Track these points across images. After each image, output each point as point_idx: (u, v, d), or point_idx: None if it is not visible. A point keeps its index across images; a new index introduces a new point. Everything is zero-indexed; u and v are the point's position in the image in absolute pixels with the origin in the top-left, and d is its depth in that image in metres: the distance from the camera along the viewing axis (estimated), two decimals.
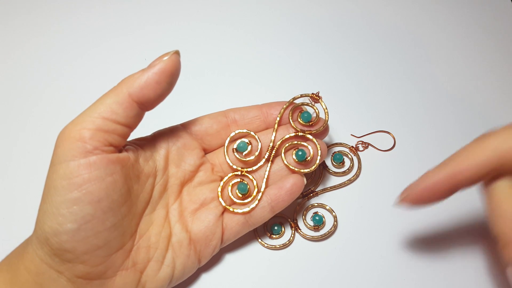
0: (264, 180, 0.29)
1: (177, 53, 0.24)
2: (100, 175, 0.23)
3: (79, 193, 0.22)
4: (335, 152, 0.35)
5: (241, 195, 0.29)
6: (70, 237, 0.22)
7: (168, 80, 0.24)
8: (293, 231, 0.32)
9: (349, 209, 0.33)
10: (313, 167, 0.30)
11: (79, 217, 0.22)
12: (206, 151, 0.31)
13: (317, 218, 0.32)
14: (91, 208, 0.23)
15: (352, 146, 0.35)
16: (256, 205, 0.29)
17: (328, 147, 0.36)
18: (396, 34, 0.42)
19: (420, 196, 0.24)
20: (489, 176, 0.23)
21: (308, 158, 0.29)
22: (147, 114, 0.26)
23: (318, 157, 0.30)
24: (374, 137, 0.36)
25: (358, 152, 0.35)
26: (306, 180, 0.34)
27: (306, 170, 0.30)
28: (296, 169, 0.29)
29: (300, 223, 0.32)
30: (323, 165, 0.35)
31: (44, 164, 0.34)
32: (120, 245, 0.25)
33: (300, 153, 0.29)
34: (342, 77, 0.40)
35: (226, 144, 0.30)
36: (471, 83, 0.39)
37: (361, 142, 0.36)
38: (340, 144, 0.36)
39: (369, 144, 0.36)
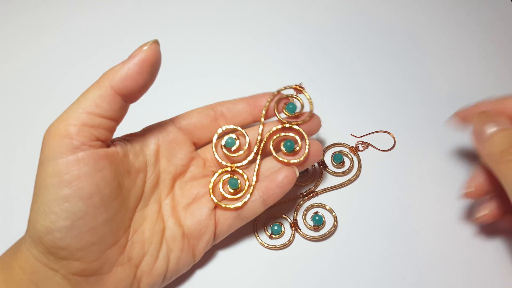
0: (255, 173, 0.29)
1: (156, 42, 0.24)
2: (90, 171, 0.23)
3: (70, 190, 0.22)
4: (335, 152, 0.35)
5: (232, 191, 0.29)
6: (64, 234, 0.22)
7: (150, 70, 0.24)
8: (293, 231, 0.32)
9: (349, 209, 0.33)
10: (303, 157, 0.29)
11: (71, 214, 0.22)
12: (196, 145, 0.31)
13: (317, 218, 0.32)
14: (83, 205, 0.23)
15: (352, 146, 0.35)
16: (248, 199, 0.28)
17: (328, 147, 0.36)
18: (395, 34, 0.42)
19: (468, 115, 0.28)
20: None
21: (297, 148, 0.29)
22: (138, 111, 0.26)
23: (307, 147, 0.29)
24: (374, 137, 0.36)
25: (358, 152, 0.35)
26: (306, 180, 0.34)
27: (296, 161, 0.29)
28: (285, 161, 0.29)
29: (300, 223, 0.32)
30: (323, 165, 0.35)
31: None
32: (114, 241, 0.25)
33: (288, 143, 0.29)
34: (342, 77, 0.40)
35: (214, 141, 0.30)
36: (471, 83, 0.39)
37: (361, 142, 0.36)
38: (340, 144, 0.36)
39: (369, 144, 0.36)
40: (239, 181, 0.29)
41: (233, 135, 0.30)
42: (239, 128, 0.30)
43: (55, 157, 0.22)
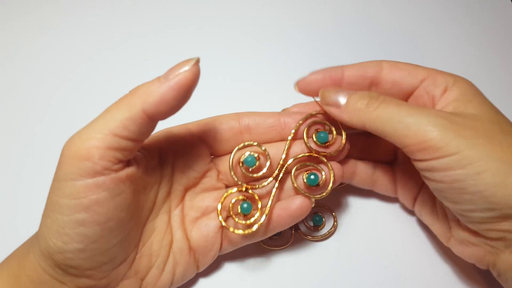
0: (269, 203, 0.27)
1: (197, 62, 0.22)
2: (109, 196, 0.22)
3: (87, 215, 0.21)
4: None
5: (243, 215, 0.27)
6: (75, 255, 0.22)
7: (187, 95, 0.22)
8: (293, 231, 0.32)
9: (349, 209, 0.33)
10: (324, 193, 0.27)
11: (85, 237, 0.22)
12: (213, 155, 0.29)
13: (317, 218, 0.32)
14: (98, 229, 0.22)
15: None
16: (257, 229, 0.26)
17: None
18: (395, 35, 0.42)
19: (312, 83, 0.28)
20: (366, 83, 0.28)
21: (320, 183, 0.27)
22: None
23: (331, 184, 0.27)
24: None
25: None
26: None
27: (317, 196, 0.27)
28: (306, 194, 0.27)
29: (300, 223, 0.32)
30: None
31: (45, 164, 0.34)
32: (124, 258, 0.24)
33: (312, 177, 0.27)
34: None
35: (232, 157, 0.27)
36: None
37: None
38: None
39: None
40: (252, 207, 0.27)
41: (255, 154, 0.27)
42: (262, 147, 0.28)
43: (73, 178, 0.21)
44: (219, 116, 0.29)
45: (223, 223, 0.27)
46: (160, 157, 0.27)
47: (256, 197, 0.27)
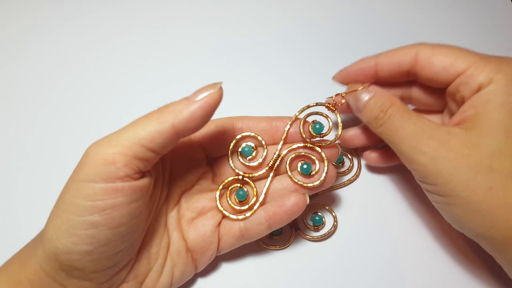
0: (264, 189, 0.28)
1: (221, 86, 0.24)
2: (125, 201, 0.22)
3: (100, 217, 0.22)
4: None
5: (238, 201, 0.28)
6: (82, 257, 0.22)
7: (212, 113, 0.24)
8: (292, 231, 0.32)
9: (349, 209, 0.33)
10: (318, 182, 0.28)
11: (96, 240, 0.22)
12: (208, 158, 0.30)
13: (317, 218, 0.32)
14: (110, 233, 0.22)
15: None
16: (251, 214, 0.28)
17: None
18: (394, 34, 0.42)
19: (346, 76, 0.31)
20: (403, 75, 0.29)
21: (313, 172, 0.28)
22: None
23: (324, 173, 0.28)
24: None
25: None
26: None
27: (310, 185, 0.28)
28: (299, 182, 0.28)
29: (300, 223, 0.32)
30: None
31: (44, 164, 0.34)
32: (127, 262, 0.25)
33: (305, 166, 0.28)
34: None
35: (231, 147, 0.29)
36: None
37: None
38: (340, 145, 0.36)
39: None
40: (247, 193, 0.28)
41: (252, 144, 0.29)
42: (259, 137, 0.29)
43: (94, 180, 0.22)
44: (213, 120, 0.29)
45: (220, 207, 0.28)
46: (163, 163, 0.27)
47: (252, 184, 0.28)
